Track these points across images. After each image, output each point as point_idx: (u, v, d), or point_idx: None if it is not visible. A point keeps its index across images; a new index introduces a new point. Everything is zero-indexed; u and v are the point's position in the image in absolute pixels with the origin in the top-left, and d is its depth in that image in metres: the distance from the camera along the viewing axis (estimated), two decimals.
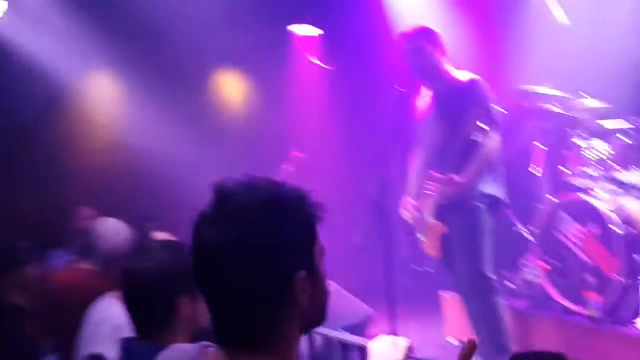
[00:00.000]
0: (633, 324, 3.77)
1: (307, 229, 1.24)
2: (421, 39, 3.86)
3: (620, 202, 4.04)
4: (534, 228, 4.40)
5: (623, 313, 3.88)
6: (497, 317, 3.74)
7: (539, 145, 4.73)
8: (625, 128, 4.17)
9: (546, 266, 4.20)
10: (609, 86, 4.55)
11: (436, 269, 4.38)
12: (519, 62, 5.54)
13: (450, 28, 5.74)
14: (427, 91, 4.10)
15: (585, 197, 4.09)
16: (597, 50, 4.88)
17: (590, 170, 4.17)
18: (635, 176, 4.12)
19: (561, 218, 4.19)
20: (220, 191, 1.21)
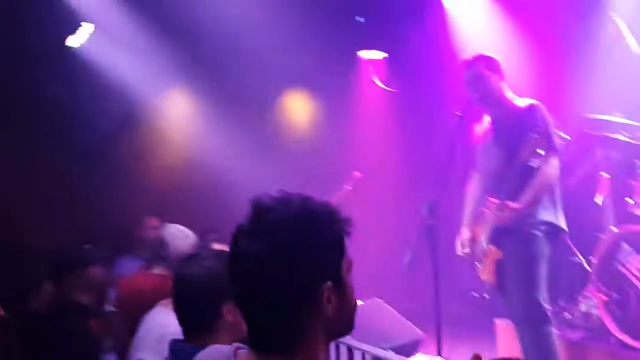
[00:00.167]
0: None
1: (336, 243, 1.34)
2: (480, 66, 3.90)
3: None
4: (594, 258, 4.31)
5: None
6: (549, 347, 3.67)
7: (605, 174, 4.64)
8: None
9: (605, 298, 4.11)
10: None
11: (492, 296, 4.34)
12: (588, 90, 5.46)
13: (518, 54, 5.74)
14: (487, 117, 4.13)
15: None
16: None
17: None
18: None
19: (623, 249, 4.09)
20: (257, 206, 1.32)
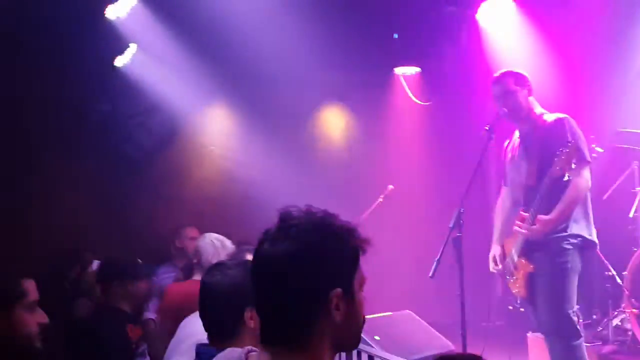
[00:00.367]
0: None
1: (350, 257, 1.45)
2: (508, 81, 3.96)
3: None
4: (627, 272, 4.29)
5: None
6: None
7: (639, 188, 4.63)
8: None
9: (637, 312, 4.09)
10: None
11: (524, 309, 4.35)
12: (623, 104, 5.44)
13: (552, 70, 5.76)
14: (516, 132, 4.17)
15: None
16: None
17: None
18: None
19: None
20: (283, 215, 1.45)
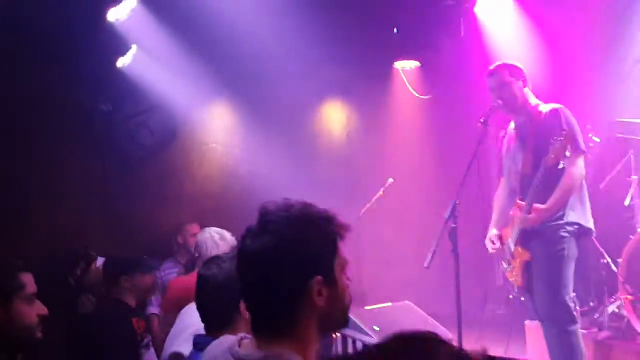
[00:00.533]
0: None
1: (329, 243, 1.52)
2: (503, 73, 4.02)
3: None
4: (622, 259, 4.36)
5: None
6: (575, 346, 3.74)
7: (636, 177, 4.69)
8: None
9: (632, 298, 4.16)
10: None
11: (522, 297, 4.42)
12: (620, 94, 5.49)
13: (550, 61, 5.80)
14: (512, 123, 4.23)
15: None
16: None
17: None
18: None
19: None
20: (262, 211, 1.53)
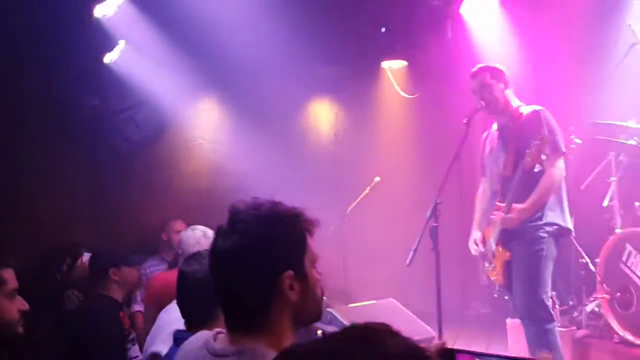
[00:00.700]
0: None
1: (298, 239, 1.56)
2: (485, 75, 4.09)
3: None
4: (600, 259, 4.44)
5: None
6: (552, 343, 3.82)
7: (615, 178, 4.76)
8: None
9: (609, 297, 4.24)
10: None
11: (503, 296, 4.48)
12: (603, 96, 5.55)
13: (533, 63, 5.87)
14: (494, 124, 4.30)
15: None
16: None
17: None
18: None
19: (626, 250, 4.22)
20: (232, 210, 1.56)
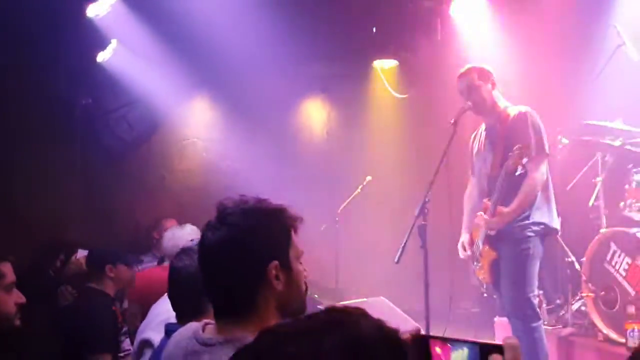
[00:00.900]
0: None
1: (282, 233, 1.66)
2: (472, 76, 4.15)
3: None
4: (585, 258, 4.50)
5: None
6: (537, 341, 3.89)
7: (601, 178, 4.82)
8: None
9: (593, 296, 4.30)
10: None
11: (490, 294, 4.54)
12: (590, 98, 5.62)
13: (521, 63, 5.93)
14: (482, 124, 4.36)
15: (637, 231, 4.18)
16: None
17: None
18: None
19: (611, 249, 4.28)
20: (220, 207, 1.65)
